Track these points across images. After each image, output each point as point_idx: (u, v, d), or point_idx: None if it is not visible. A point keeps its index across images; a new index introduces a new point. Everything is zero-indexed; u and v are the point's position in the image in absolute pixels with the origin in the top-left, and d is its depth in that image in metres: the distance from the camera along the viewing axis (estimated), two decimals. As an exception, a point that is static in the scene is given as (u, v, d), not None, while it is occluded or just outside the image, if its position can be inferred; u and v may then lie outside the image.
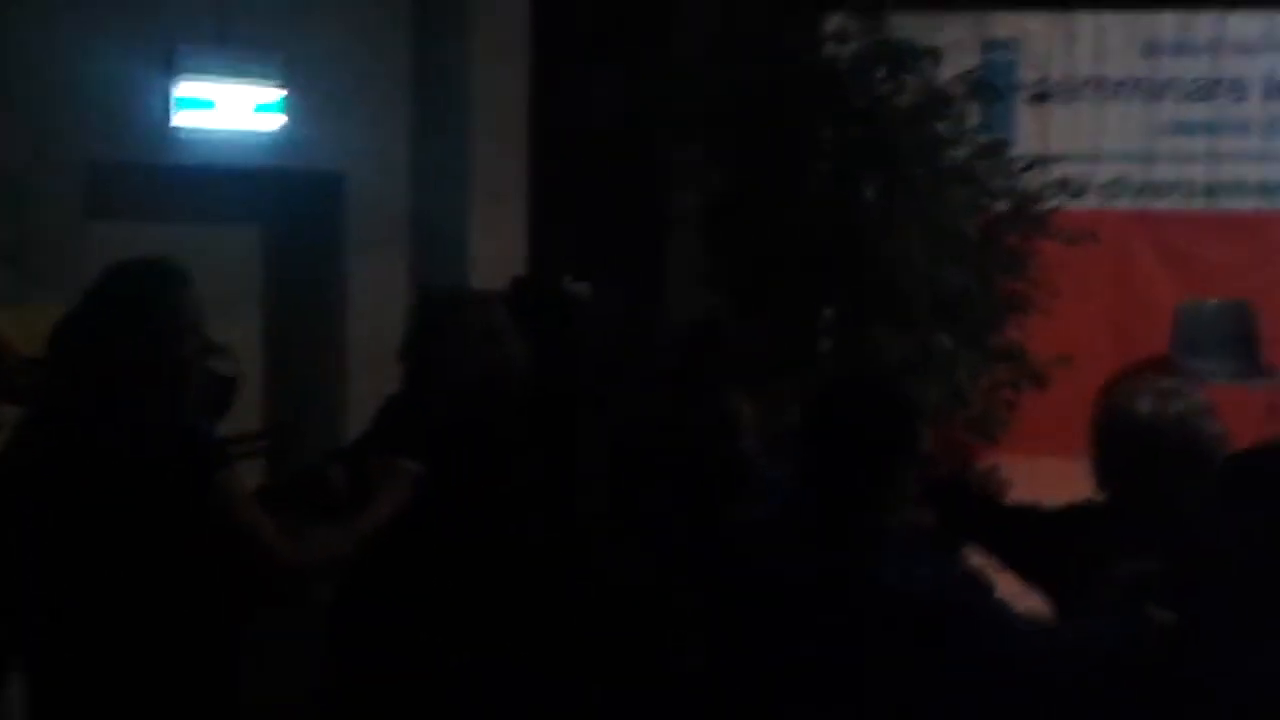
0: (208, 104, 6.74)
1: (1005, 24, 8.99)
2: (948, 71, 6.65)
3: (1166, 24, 9.14)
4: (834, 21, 6.55)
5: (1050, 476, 4.02)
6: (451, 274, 7.40)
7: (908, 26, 6.66)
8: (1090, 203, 8.80)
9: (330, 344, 7.03)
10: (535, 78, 7.59)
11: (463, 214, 7.46)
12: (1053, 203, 6.84)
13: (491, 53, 7.53)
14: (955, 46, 7.29)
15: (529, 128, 7.58)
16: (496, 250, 7.42)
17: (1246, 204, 9.17)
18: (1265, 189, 9.14)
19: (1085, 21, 9.10)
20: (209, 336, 3.18)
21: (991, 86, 6.88)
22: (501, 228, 7.49)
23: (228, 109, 6.82)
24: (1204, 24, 9.12)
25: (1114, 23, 9.13)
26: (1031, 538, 3.15)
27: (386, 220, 7.49)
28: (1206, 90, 9.12)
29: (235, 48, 6.83)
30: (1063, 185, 6.92)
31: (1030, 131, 8.65)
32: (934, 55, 6.24)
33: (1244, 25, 9.10)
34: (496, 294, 4.21)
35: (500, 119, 7.54)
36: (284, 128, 6.97)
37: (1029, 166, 6.75)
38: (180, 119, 6.65)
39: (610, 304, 4.81)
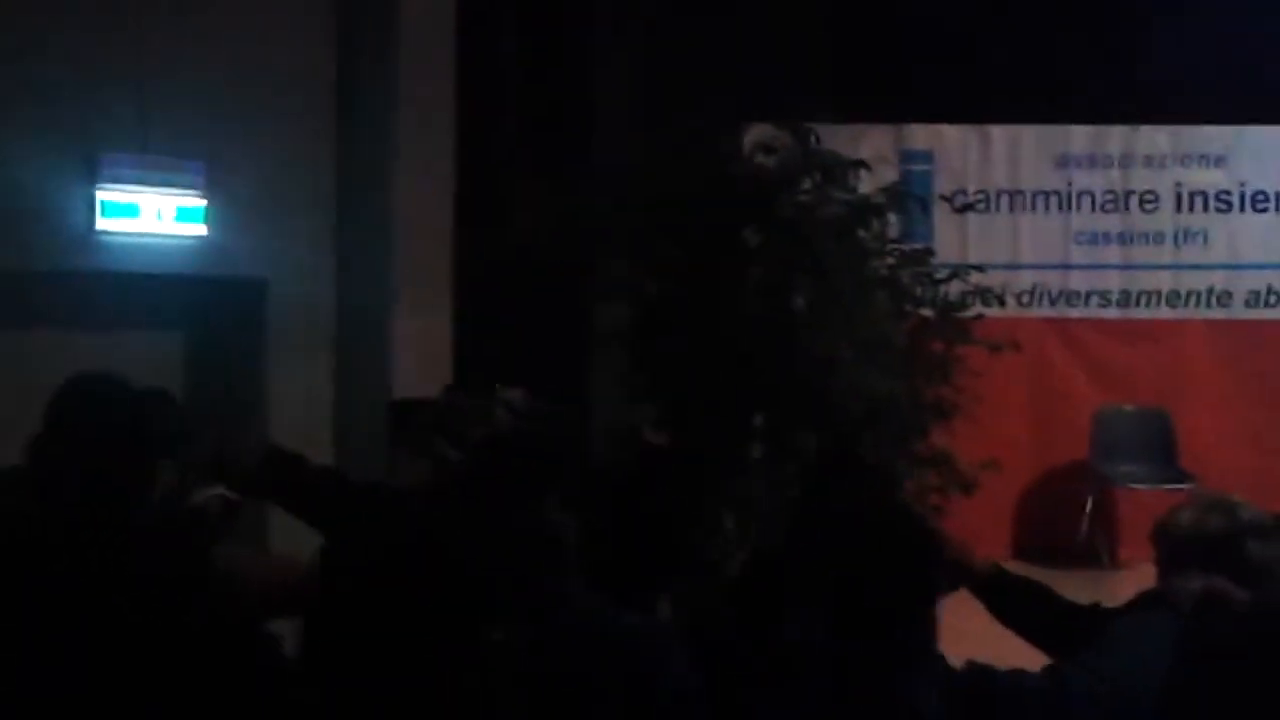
0: (131, 210, 6.70)
1: (922, 136, 9.17)
2: (868, 183, 6.76)
3: (1078, 137, 9.36)
4: (758, 133, 6.65)
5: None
6: (375, 380, 7.37)
7: (829, 138, 6.78)
8: (1009, 310, 8.96)
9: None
10: (459, 187, 7.61)
11: (386, 321, 7.43)
12: (974, 310, 6.94)
13: (415, 162, 7.55)
14: (875, 158, 7.42)
15: (453, 238, 7.60)
16: (421, 358, 7.40)
17: (1160, 312, 9.35)
18: (1176, 297, 9.33)
19: (999, 134, 9.30)
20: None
21: (913, 196, 7.00)
22: (426, 335, 7.47)
23: (150, 216, 6.79)
24: (1114, 137, 9.35)
25: (1027, 135, 9.34)
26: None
27: (309, 326, 7.45)
28: (1118, 201, 9.33)
29: (157, 155, 6.81)
30: (983, 293, 7.02)
31: (949, 241, 8.78)
32: (860, 166, 6.35)
33: (1153, 139, 9.35)
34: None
35: (424, 228, 7.54)
36: (207, 234, 6.95)
37: (952, 275, 6.85)
38: (104, 225, 6.62)
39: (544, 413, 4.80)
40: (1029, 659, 3.05)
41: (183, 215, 6.89)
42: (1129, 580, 8.39)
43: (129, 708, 2.92)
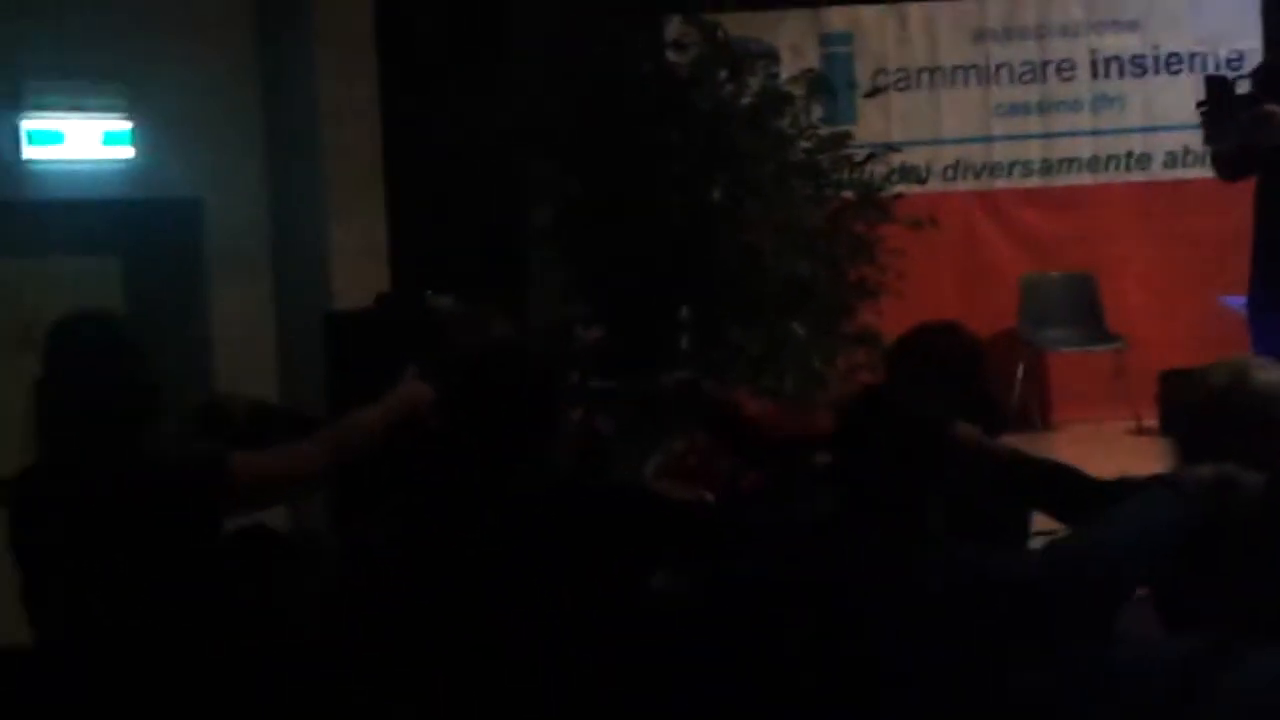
0: (57, 137, 6.75)
1: (840, 18, 9.24)
2: (788, 68, 6.87)
3: (994, 10, 9.46)
4: (672, 28, 6.74)
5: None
6: (313, 293, 7.46)
7: (748, 24, 6.86)
8: (932, 186, 9.11)
9: (195, 371, 7.04)
10: (383, 94, 7.66)
11: (322, 233, 7.51)
12: (895, 189, 7.08)
13: (338, 69, 7.58)
14: (792, 45, 7.51)
15: (382, 144, 7.66)
16: (357, 268, 7.50)
17: (1081, 178, 9.53)
18: (1096, 163, 9.50)
19: (916, 12, 9.38)
20: None
21: (829, 82, 7.11)
22: (361, 245, 7.55)
23: (77, 141, 6.84)
24: (1029, 9, 9.45)
25: (944, 11, 9.42)
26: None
27: (245, 243, 7.52)
28: (1036, 71, 9.46)
29: (80, 80, 6.85)
30: (904, 171, 7.16)
31: (873, 121, 8.90)
32: (772, 57, 6.45)
33: (1066, 7, 9.46)
34: None
35: (352, 136, 7.60)
36: (134, 157, 7.00)
37: (870, 156, 6.98)
38: (30, 153, 6.66)
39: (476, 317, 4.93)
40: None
41: (109, 139, 6.94)
42: (1060, 441, 8.70)
43: (164, 647, 2.99)
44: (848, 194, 6.84)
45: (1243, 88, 5.55)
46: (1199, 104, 5.38)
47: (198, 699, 2.97)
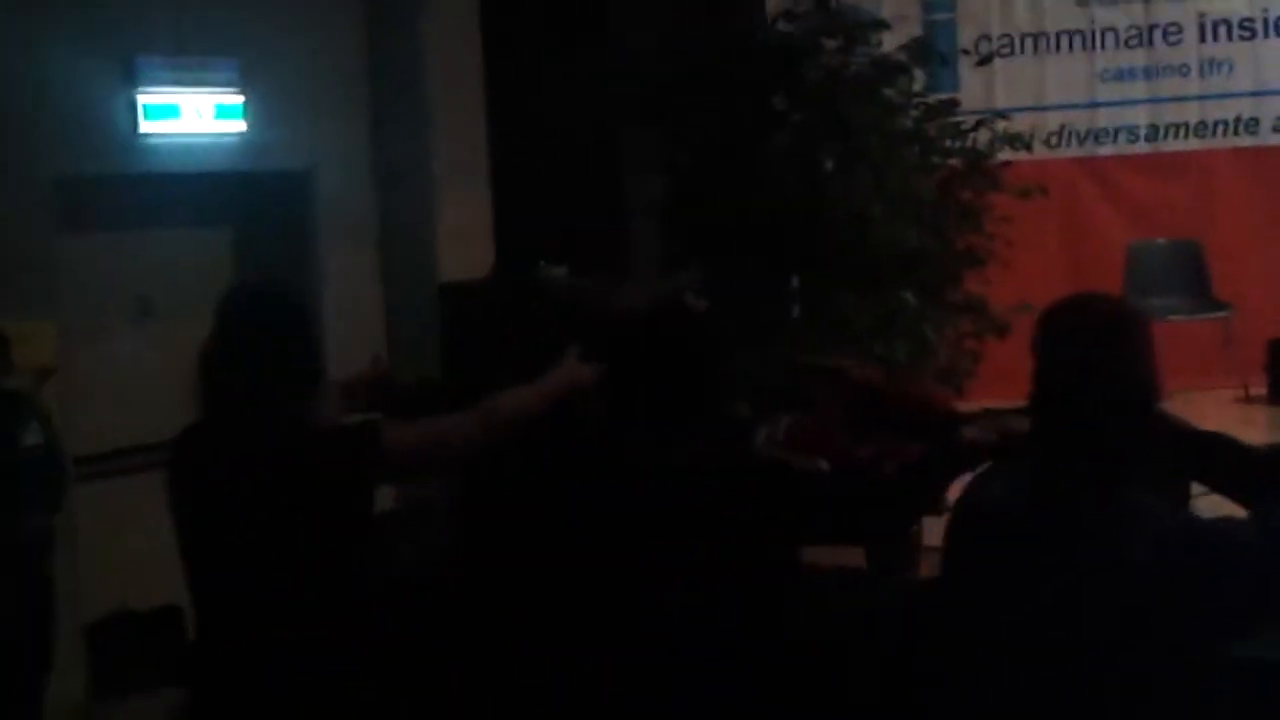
0: (172, 111, 6.86)
1: (943, -14, 9.16)
2: (892, 36, 6.82)
3: (1099, -26, 9.34)
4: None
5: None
6: (420, 264, 7.55)
7: (849, -2, 6.81)
8: (1037, 154, 9.01)
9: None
10: (488, 69, 7.72)
11: (428, 205, 7.60)
12: (1002, 157, 7.03)
13: (444, 45, 7.66)
14: (896, 12, 7.45)
15: (487, 119, 7.72)
16: (463, 239, 7.57)
17: (1188, 144, 9.40)
18: (1203, 128, 9.37)
19: (1020, -23, 9.28)
20: None
21: (936, 50, 7.06)
22: (466, 217, 7.64)
23: (191, 115, 6.95)
24: (1135, -28, 9.33)
25: (1048, -24, 9.32)
26: None
27: (354, 215, 7.63)
28: (1142, 36, 9.33)
29: (194, 55, 6.96)
30: (1010, 139, 7.10)
31: (975, 89, 8.82)
32: (881, 26, 6.42)
33: (1173, -29, 9.33)
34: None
35: (457, 110, 7.67)
36: (246, 130, 7.11)
37: (977, 124, 6.93)
38: (147, 128, 6.79)
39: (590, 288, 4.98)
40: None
41: (221, 113, 7.05)
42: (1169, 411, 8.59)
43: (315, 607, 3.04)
44: (955, 162, 6.79)
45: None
46: None
47: (343, 665, 3.06)
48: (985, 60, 8.33)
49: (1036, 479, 2.82)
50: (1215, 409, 8.37)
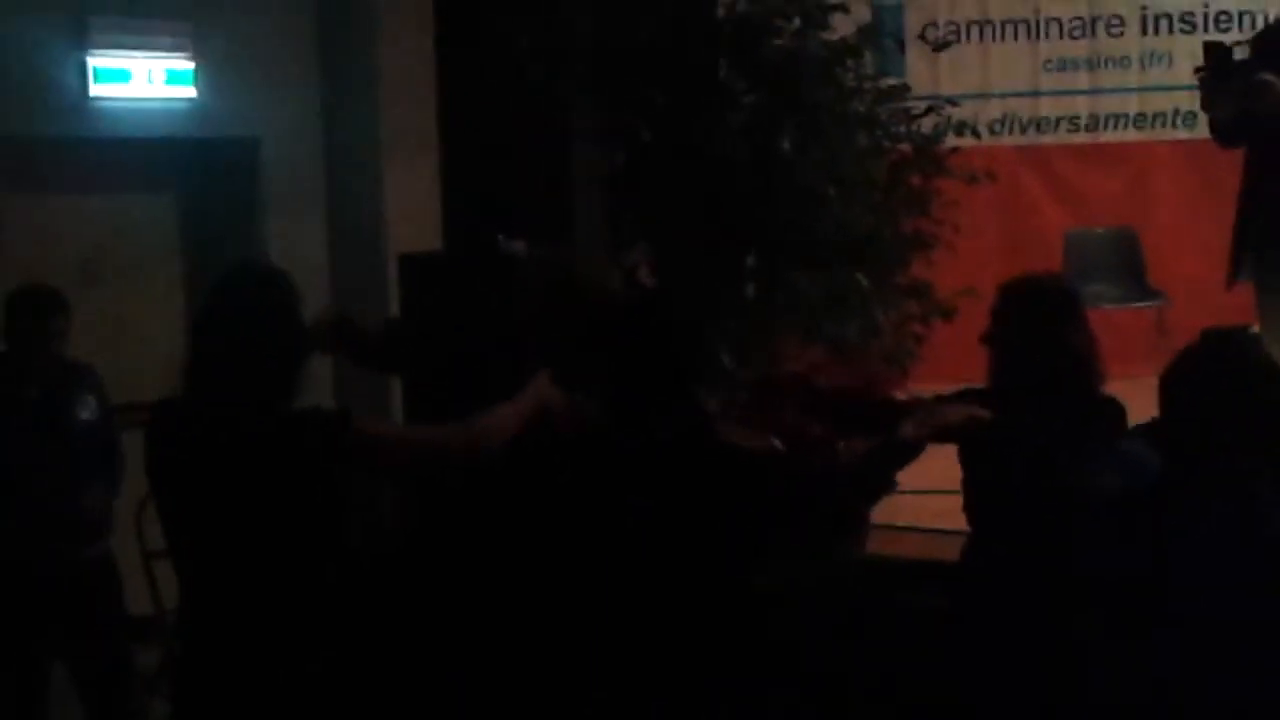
0: (123, 75, 6.81)
1: (890, -30, 9.22)
2: (843, 23, 6.87)
3: (1043, -35, 9.45)
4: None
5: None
6: (367, 234, 7.54)
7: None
8: (981, 140, 9.09)
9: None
10: (439, 40, 7.70)
11: (376, 174, 7.59)
12: (950, 143, 7.11)
13: (395, 15, 7.64)
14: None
15: (437, 89, 7.71)
16: (411, 210, 7.57)
17: (1127, 135, 9.54)
18: (1142, 119, 9.51)
19: (966, -35, 9.37)
20: None
21: (888, 35, 7.12)
22: (415, 187, 7.63)
23: (141, 80, 6.91)
24: (1080, -36, 9.45)
25: (993, -35, 9.41)
26: None
27: (302, 183, 7.61)
28: (1085, 26, 9.45)
29: (145, 20, 6.91)
30: (958, 125, 7.18)
31: (921, 74, 8.89)
32: (838, 10, 6.47)
33: (1118, -37, 9.45)
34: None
35: (407, 80, 7.65)
36: (196, 96, 7.07)
37: (928, 110, 7.00)
38: (96, 91, 6.73)
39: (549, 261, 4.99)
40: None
41: (172, 78, 7.01)
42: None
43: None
44: (904, 146, 6.86)
45: (1242, 53, 5.56)
46: (1196, 70, 5.39)
47: (311, 640, 3.11)
48: (941, 47, 8.42)
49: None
50: (1148, 397, 8.51)
